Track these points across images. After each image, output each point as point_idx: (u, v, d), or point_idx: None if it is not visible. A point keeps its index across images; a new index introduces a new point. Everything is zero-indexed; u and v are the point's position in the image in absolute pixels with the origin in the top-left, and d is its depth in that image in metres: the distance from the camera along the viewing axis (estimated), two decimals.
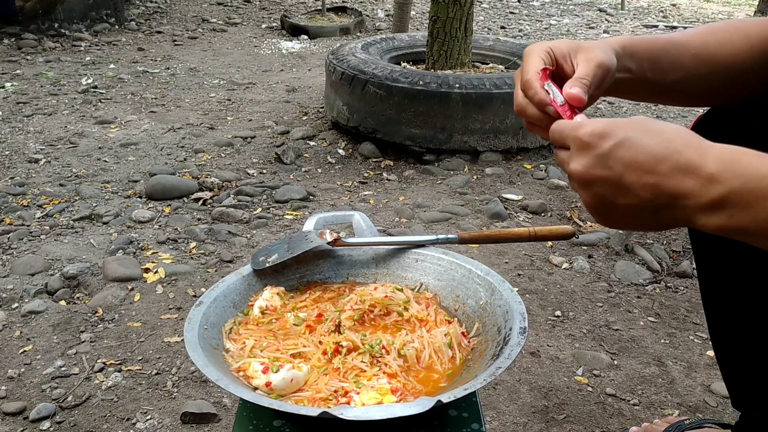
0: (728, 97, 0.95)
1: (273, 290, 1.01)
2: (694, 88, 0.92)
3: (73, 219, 2.37)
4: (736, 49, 0.89)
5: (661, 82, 0.89)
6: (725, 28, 0.91)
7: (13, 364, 1.61)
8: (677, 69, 0.89)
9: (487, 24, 6.77)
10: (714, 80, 0.90)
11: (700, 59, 0.89)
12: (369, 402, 0.77)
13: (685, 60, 0.89)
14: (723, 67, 0.89)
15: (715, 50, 0.89)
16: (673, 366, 1.65)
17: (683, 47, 0.90)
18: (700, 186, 0.61)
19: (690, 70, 0.89)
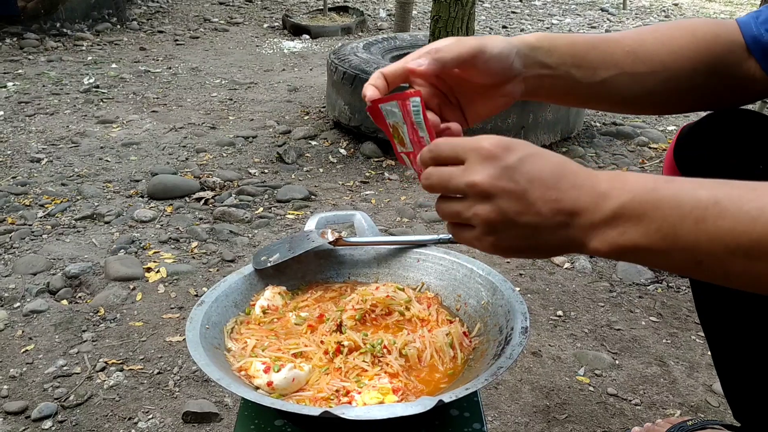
0: (672, 104, 0.87)
1: (274, 290, 1.01)
2: (629, 88, 0.83)
3: (75, 218, 2.37)
4: (679, 48, 0.81)
5: (589, 80, 0.81)
6: (667, 27, 0.84)
7: (15, 363, 1.61)
8: (608, 66, 0.81)
9: (489, 23, 6.76)
10: (653, 81, 0.82)
11: (636, 56, 0.81)
12: (370, 402, 0.77)
13: (618, 56, 0.81)
14: (662, 66, 0.81)
15: (654, 48, 0.81)
16: (674, 366, 1.65)
17: (615, 43, 0.82)
18: (594, 202, 0.60)
19: (624, 67, 0.81)
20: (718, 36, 0.82)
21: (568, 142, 3.20)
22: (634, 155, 3.16)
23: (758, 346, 0.92)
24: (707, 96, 0.86)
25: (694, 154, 0.91)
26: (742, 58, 0.83)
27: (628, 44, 0.82)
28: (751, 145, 0.86)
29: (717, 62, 0.82)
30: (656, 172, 2.99)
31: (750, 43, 0.82)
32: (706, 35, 0.82)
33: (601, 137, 3.35)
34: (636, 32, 0.84)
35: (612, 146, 3.25)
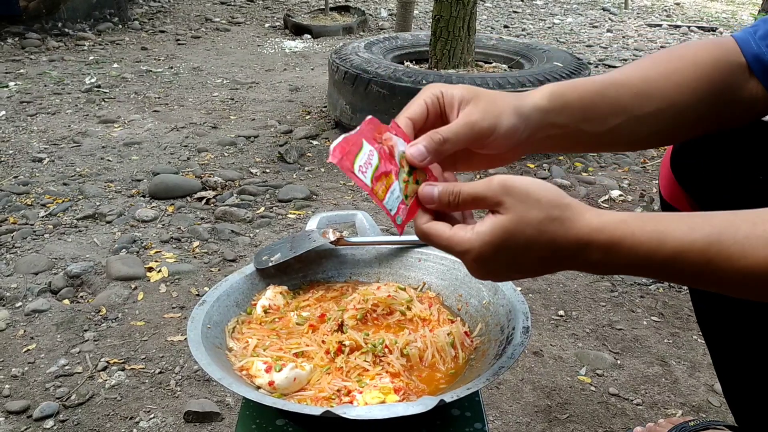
0: (679, 136, 0.86)
1: (276, 289, 1.01)
2: (638, 131, 0.81)
3: (77, 218, 2.37)
4: (683, 80, 0.80)
5: (598, 130, 0.80)
6: (668, 58, 0.82)
7: (16, 362, 1.61)
8: (617, 112, 0.79)
9: (491, 23, 6.76)
10: (661, 118, 0.80)
11: (643, 96, 0.79)
12: (372, 401, 0.77)
13: (626, 100, 0.79)
14: (670, 102, 0.80)
15: (659, 84, 0.80)
16: (676, 366, 1.65)
17: (623, 86, 0.80)
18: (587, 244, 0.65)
19: (632, 111, 0.79)
20: (718, 61, 0.81)
21: None
22: (635, 155, 3.15)
23: (757, 352, 0.91)
24: (711, 123, 0.84)
25: (691, 162, 0.91)
26: (743, 80, 0.81)
27: (635, 84, 0.80)
28: (747, 153, 0.86)
29: (719, 89, 0.81)
30: (657, 171, 2.99)
31: (751, 62, 0.80)
32: (707, 63, 0.80)
33: None
34: (640, 68, 0.82)
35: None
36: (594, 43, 5.90)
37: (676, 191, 0.96)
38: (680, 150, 0.93)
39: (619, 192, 2.68)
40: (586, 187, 2.73)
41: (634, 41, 6.05)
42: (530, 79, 2.90)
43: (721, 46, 0.82)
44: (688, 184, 0.93)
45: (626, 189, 2.75)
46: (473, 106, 0.74)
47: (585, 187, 2.73)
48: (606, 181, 2.79)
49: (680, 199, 0.96)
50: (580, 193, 2.66)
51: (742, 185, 0.85)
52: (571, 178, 2.82)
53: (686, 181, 0.93)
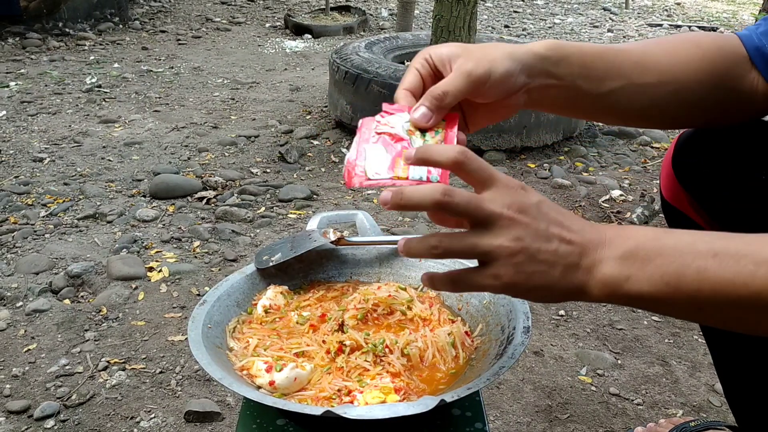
0: (677, 117, 0.86)
1: (276, 289, 1.01)
2: (636, 100, 0.81)
3: (78, 218, 2.37)
4: (686, 58, 0.80)
5: (596, 91, 0.79)
6: (672, 38, 0.83)
7: (17, 362, 1.62)
8: (616, 76, 0.79)
9: (491, 23, 6.76)
10: (660, 92, 0.80)
11: (643, 67, 0.79)
12: (372, 401, 0.77)
13: (626, 66, 0.79)
14: (669, 76, 0.80)
15: (661, 58, 0.80)
16: (677, 366, 1.65)
17: (623, 53, 0.80)
18: (602, 245, 0.62)
19: (631, 77, 0.79)
20: (722, 48, 0.82)
21: (571, 142, 3.20)
22: (636, 155, 3.15)
23: (758, 351, 0.91)
24: (712, 110, 0.84)
25: (692, 162, 0.91)
26: (745, 71, 0.82)
27: (635, 54, 0.81)
28: (748, 153, 0.86)
29: (722, 74, 0.81)
30: (658, 171, 2.99)
31: (753, 54, 0.82)
32: (710, 47, 0.82)
33: (603, 137, 3.35)
34: (642, 44, 0.83)
35: (614, 146, 3.25)
36: (595, 43, 5.89)
37: (677, 191, 0.96)
38: (681, 149, 0.93)
39: (620, 192, 2.68)
40: (587, 187, 2.73)
41: (635, 41, 6.04)
42: None
43: (724, 37, 0.84)
44: (689, 183, 0.93)
45: (627, 189, 2.75)
46: (465, 58, 0.73)
47: (586, 187, 2.73)
48: (607, 181, 2.79)
49: (681, 199, 0.96)
50: (580, 193, 2.66)
51: (743, 185, 0.85)
52: (571, 177, 2.82)
53: (687, 181, 0.93)
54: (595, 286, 0.62)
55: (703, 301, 0.58)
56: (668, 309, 0.61)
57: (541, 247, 0.62)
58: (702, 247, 0.58)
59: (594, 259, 0.62)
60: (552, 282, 0.63)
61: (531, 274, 0.62)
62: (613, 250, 0.62)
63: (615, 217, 2.47)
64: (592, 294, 0.62)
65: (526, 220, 0.62)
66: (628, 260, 0.61)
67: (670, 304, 0.60)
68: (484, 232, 0.63)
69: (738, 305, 0.56)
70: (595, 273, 0.62)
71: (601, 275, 0.62)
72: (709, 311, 0.59)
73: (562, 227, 0.63)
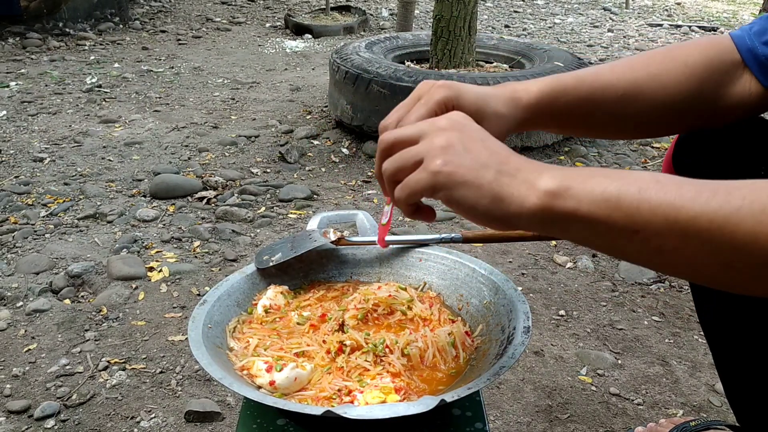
0: (664, 130, 0.90)
1: (277, 289, 1.01)
2: (623, 128, 0.88)
3: (78, 218, 2.37)
4: (671, 80, 0.83)
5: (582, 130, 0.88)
6: (661, 59, 0.84)
7: (17, 362, 1.62)
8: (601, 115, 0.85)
9: (491, 23, 6.76)
10: (645, 117, 0.85)
11: (627, 99, 0.83)
12: (372, 401, 0.77)
13: (610, 103, 0.83)
14: (654, 101, 0.83)
15: (646, 85, 0.83)
16: (677, 365, 1.65)
17: (609, 88, 0.83)
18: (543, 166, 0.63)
19: (616, 113, 0.84)
20: (711, 60, 0.83)
21: (570, 142, 3.20)
22: (636, 154, 3.15)
23: (759, 350, 0.91)
24: (696, 120, 0.87)
25: (692, 159, 0.91)
26: (737, 76, 0.83)
27: (622, 86, 0.83)
28: (749, 149, 0.86)
29: (711, 88, 0.83)
30: (658, 171, 2.99)
31: (745, 56, 0.82)
32: (697, 64, 0.83)
33: None
34: (632, 71, 0.84)
35: (614, 145, 3.25)
36: (595, 43, 5.90)
37: None
38: (681, 147, 0.93)
39: None
40: None
41: (635, 41, 6.04)
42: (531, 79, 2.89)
43: (715, 45, 0.84)
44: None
45: None
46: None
47: None
48: None
49: None
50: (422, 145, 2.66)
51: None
52: None
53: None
54: (533, 194, 0.60)
55: (642, 223, 0.56)
56: (604, 233, 0.58)
57: (475, 147, 0.64)
58: (645, 175, 0.58)
59: (532, 175, 0.61)
60: (481, 182, 0.62)
61: (460, 166, 0.62)
62: (555, 169, 0.62)
63: None
64: (528, 204, 0.60)
65: (461, 126, 0.66)
66: (571, 174, 0.60)
67: (608, 224, 0.57)
68: (423, 140, 0.66)
69: (674, 231, 0.55)
70: (535, 182, 0.61)
71: (540, 183, 0.60)
72: (646, 235, 0.56)
73: (499, 146, 0.65)
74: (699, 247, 0.55)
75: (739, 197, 0.53)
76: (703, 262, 0.56)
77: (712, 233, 0.53)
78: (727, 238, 0.52)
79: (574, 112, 0.84)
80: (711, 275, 0.57)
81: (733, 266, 0.54)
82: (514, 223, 0.62)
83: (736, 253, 0.53)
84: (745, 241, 0.52)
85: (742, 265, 0.54)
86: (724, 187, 0.54)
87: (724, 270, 0.56)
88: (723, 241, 0.53)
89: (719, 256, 0.54)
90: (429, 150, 0.64)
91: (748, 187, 0.53)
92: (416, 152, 0.65)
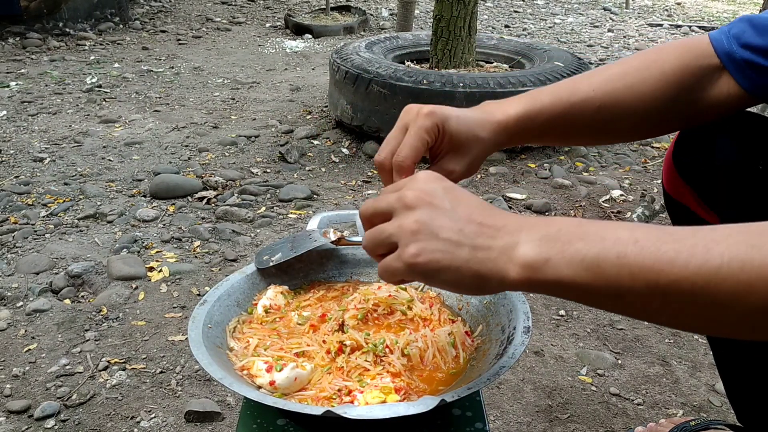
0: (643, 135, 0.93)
1: (277, 289, 1.01)
2: (600, 137, 0.93)
3: (78, 218, 2.37)
4: (648, 89, 0.84)
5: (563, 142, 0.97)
6: (637, 66, 0.86)
7: (17, 362, 1.62)
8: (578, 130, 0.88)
9: (492, 23, 6.76)
10: (624, 124, 0.87)
11: (605, 111, 0.85)
12: (372, 401, 0.77)
13: (588, 116, 0.86)
14: (632, 111, 0.85)
15: (623, 95, 0.85)
16: (677, 366, 1.65)
17: (586, 102, 0.85)
18: (520, 229, 0.61)
19: (595, 124, 0.87)
20: (687, 66, 0.84)
21: None
22: (636, 154, 3.15)
23: (760, 349, 0.91)
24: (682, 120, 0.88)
25: (691, 159, 0.92)
26: (715, 79, 0.84)
27: (598, 98, 0.85)
28: (747, 146, 0.86)
29: (688, 92, 0.84)
30: (659, 171, 2.99)
31: (724, 59, 0.83)
32: (674, 70, 0.84)
33: None
34: (609, 82, 0.86)
35: (614, 145, 3.25)
36: (595, 43, 5.90)
37: (679, 185, 0.96)
38: (682, 144, 0.93)
39: (620, 192, 2.68)
40: (587, 187, 2.73)
41: (635, 41, 6.04)
42: (531, 79, 2.90)
43: (692, 49, 0.85)
44: (690, 177, 0.93)
45: (627, 189, 2.75)
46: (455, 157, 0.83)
47: (586, 187, 2.73)
48: (607, 181, 2.79)
49: (683, 193, 0.96)
50: (581, 193, 2.66)
51: (742, 176, 0.85)
52: (572, 177, 2.82)
53: (688, 175, 0.93)
54: (513, 269, 0.60)
55: (624, 289, 0.56)
56: (589, 297, 0.58)
57: (444, 224, 0.62)
58: (623, 234, 0.56)
59: (511, 242, 0.60)
60: (458, 264, 0.61)
61: (433, 252, 0.61)
62: (533, 233, 0.60)
63: (615, 217, 2.47)
64: (510, 279, 0.60)
65: (429, 199, 0.64)
66: (548, 242, 0.59)
67: (591, 291, 0.57)
68: (393, 219, 0.65)
69: (656, 294, 0.54)
70: (513, 255, 0.60)
71: (518, 257, 0.59)
72: (630, 299, 0.56)
73: (471, 209, 0.63)
74: (682, 308, 0.55)
75: (718, 255, 0.52)
76: (688, 319, 0.56)
77: (695, 295, 0.53)
78: (710, 298, 0.52)
79: (554, 128, 0.86)
80: (698, 328, 0.59)
81: (718, 321, 0.55)
82: (500, 291, 0.64)
83: (719, 311, 0.53)
84: (727, 300, 0.52)
85: (727, 320, 0.54)
86: (703, 242, 0.53)
87: (710, 324, 0.57)
88: (706, 302, 0.53)
89: (703, 314, 0.54)
90: (401, 235, 0.63)
91: (725, 240, 0.53)
92: (389, 234, 0.65)
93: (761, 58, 0.80)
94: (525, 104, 0.85)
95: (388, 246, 0.65)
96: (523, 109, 0.84)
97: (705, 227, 0.55)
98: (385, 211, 0.67)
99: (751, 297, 0.51)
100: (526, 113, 0.84)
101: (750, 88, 0.82)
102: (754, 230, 0.52)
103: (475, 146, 0.83)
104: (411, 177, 0.69)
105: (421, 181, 0.66)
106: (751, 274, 0.50)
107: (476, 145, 0.83)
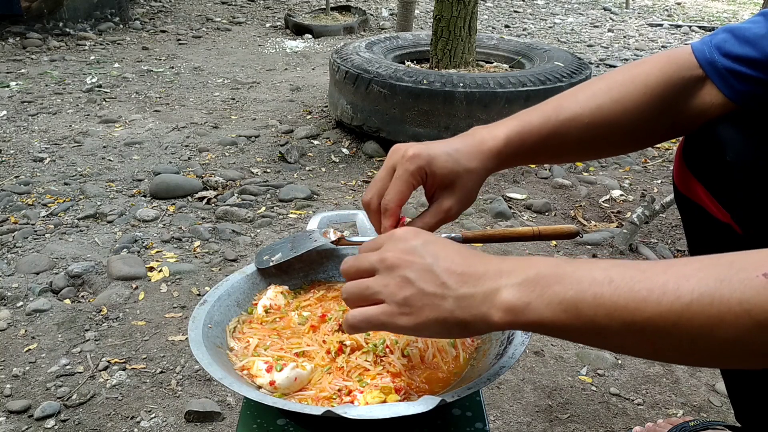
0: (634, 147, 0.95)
1: (277, 289, 1.01)
2: (590, 153, 0.95)
3: (78, 218, 2.37)
4: (633, 103, 0.86)
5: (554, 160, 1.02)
6: (621, 81, 0.87)
7: (18, 362, 1.62)
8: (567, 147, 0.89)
9: (492, 23, 6.76)
10: (612, 138, 0.89)
11: (593, 127, 0.87)
12: (372, 401, 0.77)
13: (576, 134, 0.87)
14: (619, 125, 0.87)
15: (609, 110, 0.87)
16: (677, 365, 1.65)
17: (575, 119, 0.87)
18: (500, 275, 0.63)
19: (584, 141, 0.88)
20: (671, 78, 0.85)
21: None
22: (636, 154, 3.15)
23: None
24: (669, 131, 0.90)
25: (702, 155, 0.92)
26: (698, 88, 0.85)
27: (587, 116, 0.86)
28: (758, 141, 0.86)
29: (672, 104, 0.86)
30: (659, 171, 2.99)
31: (707, 69, 0.84)
32: (658, 83, 0.85)
33: None
34: (594, 98, 0.87)
35: None
36: (595, 43, 5.90)
37: (689, 181, 0.96)
38: (691, 140, 0.93)
39: (620, 192, 2.68)
40: (587, 187, 2.73)
41: (635, 41, 6.04)
42: (531, 79, 2.89)
43: (674, 61, 0.86)
44: (699, 173, 0.93)
45: (627, 189, 2.75)
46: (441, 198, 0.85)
47: (586, 187, 2.73)
48: (607, 181, 2.79)
49: (693, 189, 0.96)
50: (581, 193, 2.66)
51: (754, 172, 0.86)
52: (572, 177, 2.82)
53: (698, 171, 0.93)
54: (496, 314, 0.63)
55: (601, 327, 0.58)
56: (570, 335, 0.61)
57: (428, 279, 0.65)
58: (598, 275, 0.59)
59: (493, 287, 0.63)
60: (445, 315, 0.64)
61: (420, 309, 0.65)
62: (512, 278, 0.63)
63: (615, 217, 2.47)
64: (494, 322, 0.63)
65: (410, 258, 0.67)
66: (528, 287, 0.61)
67: (571, 330, 0.60)
68: (376, 276, 0.69)
69: (633, 331, 0.57)
70: (495, 301, 0.63)
71: (500, 302, 0.62)
72: (608, 337, 0.59)
73: (451, 261, 0.66)
74: (659, 342, 0.57)
75: (688, 292, 0.54)
76: (668, 353, 0.59)
77: (669, 330, 0.55)
78: (684, 333, 0.54)
79: (545, 148, 0.87)
80: (679, 360, 0.61)
81: (696, 354, 0.57)
82: (486, 333, 0.69)
83: (694, 344, 0.55)
84: (700, 334, 0.54)
85: (704, 352, 0.56)
86: (674, 279, 0.55)
87: (689, 356, 0.59)
88: (681, 336, 0.55)
89: (680, 348, 0.56)
90: (386, 294, 0.67)
91: (696, 275, 0.55)
92: (375, 291, 0.68)
93: (743, 67, 0.82)
94: (514, 126, 0.86)
95: (372, 301, 0.69)
96: (513, 131, 0.86)
97: (678, 260, 0.58)
98: (367, 270, 0.70)
99: (722, 330, 0.53)
100: (516, 135, 0.86)
101: (732, 96, 0.84)
102: (724, 262, 0.55)
103: (467, 179, 0.84)
104: (389, 235, 0.72)
105: (400, 240, 0.70)
106: (721, 308, 0.52)
107: (468, 178, 0.84)
